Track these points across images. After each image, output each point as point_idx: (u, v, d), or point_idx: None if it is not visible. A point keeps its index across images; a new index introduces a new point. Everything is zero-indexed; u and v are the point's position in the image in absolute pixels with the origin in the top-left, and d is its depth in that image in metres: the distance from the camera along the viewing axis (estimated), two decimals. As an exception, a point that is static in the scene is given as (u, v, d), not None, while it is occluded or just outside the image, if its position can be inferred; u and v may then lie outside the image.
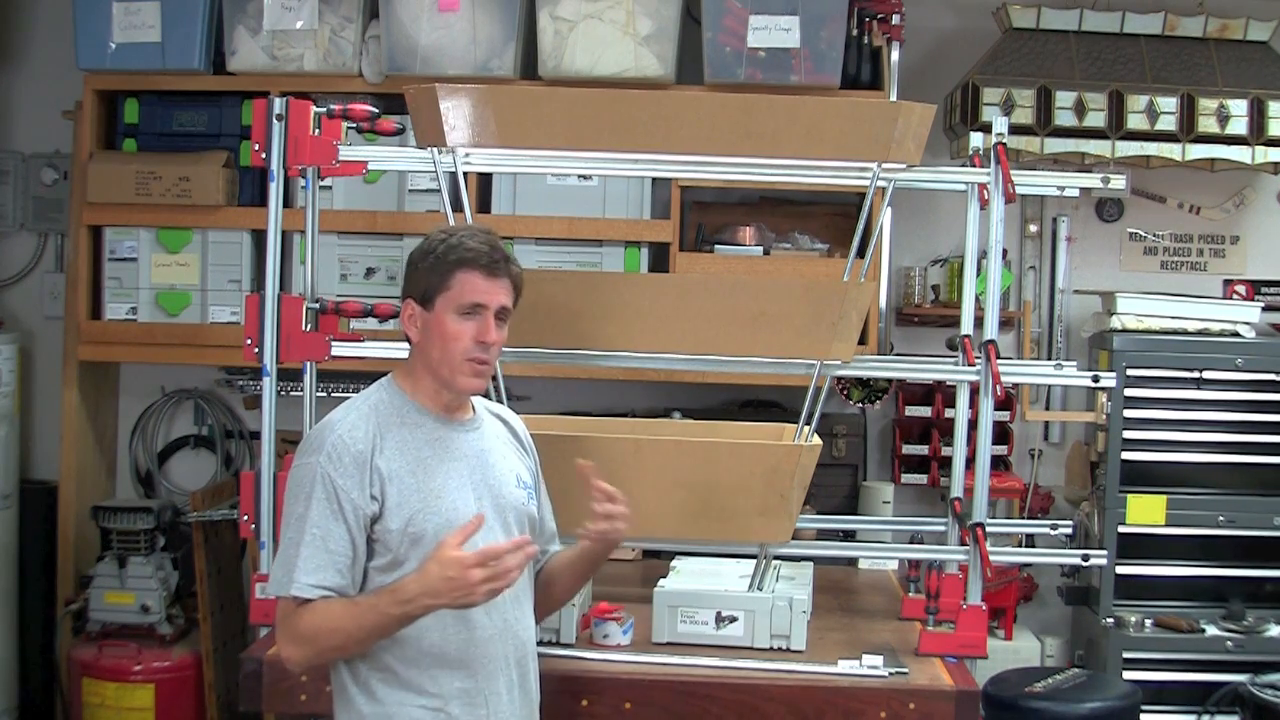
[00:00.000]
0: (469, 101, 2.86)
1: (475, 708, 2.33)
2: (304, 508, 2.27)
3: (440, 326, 2.35)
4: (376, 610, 2.22)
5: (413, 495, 2.31)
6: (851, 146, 2.86)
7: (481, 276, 2.35)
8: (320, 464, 2.28)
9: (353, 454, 2.29)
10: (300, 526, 2.27)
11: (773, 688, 2.70)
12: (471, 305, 2.35)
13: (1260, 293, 4.46)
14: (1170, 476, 4.06)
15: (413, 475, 2.32)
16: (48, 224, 4.63)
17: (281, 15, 4.02)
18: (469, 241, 2.36)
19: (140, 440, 4.62)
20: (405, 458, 2.33)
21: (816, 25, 3.90)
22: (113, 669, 4.06)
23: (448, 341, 2.34)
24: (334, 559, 2.26)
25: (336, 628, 2.23)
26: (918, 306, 4.39)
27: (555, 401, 4.29)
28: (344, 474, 2.27)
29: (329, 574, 2.25)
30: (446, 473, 2.35)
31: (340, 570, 2.26)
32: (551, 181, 4.02)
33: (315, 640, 2.24)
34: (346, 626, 2.23)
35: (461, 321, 2.35)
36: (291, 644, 2.26)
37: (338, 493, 2.27)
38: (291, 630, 2.26)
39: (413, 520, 2.29)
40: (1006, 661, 3.84)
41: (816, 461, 2.90)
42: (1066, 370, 3.09)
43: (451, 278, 2.34)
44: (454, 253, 2.35)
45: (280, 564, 2.29)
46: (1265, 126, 4.01)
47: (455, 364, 2.35)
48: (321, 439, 2.31)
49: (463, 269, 2.34)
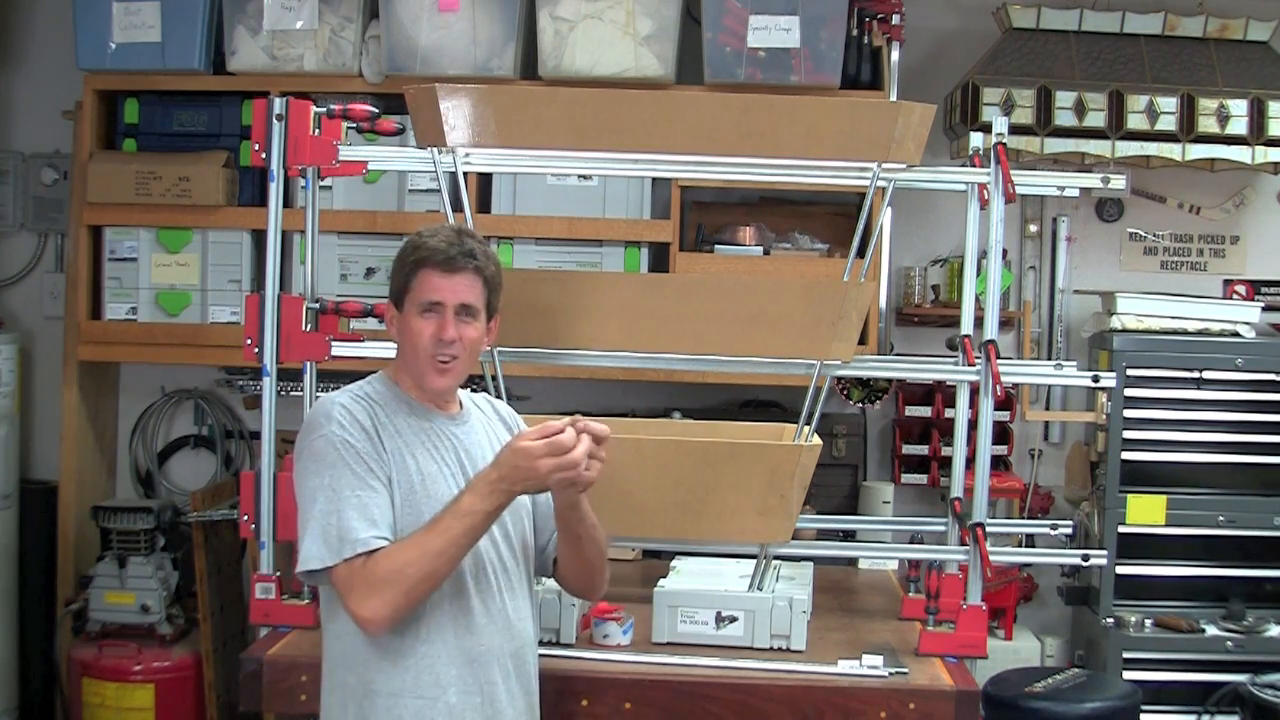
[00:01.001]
0: (469, 101, 2.86)
1: (472, 695, 2.33)
2: (332, 477, 2.26)
3: (407, 326, 2.39)
4: (463, 514, 2.21)
5: (404, 479, 2.32)
6: (851, 146, 2.86)
7: (439, 274, 2.37)
8: (335, 433, 2.29)
9: (361, 423, 2.31)
10: (334, 495, 2.25)
11: (773, 688, 2.70)
12: (429, 303, 2.37)
13: (1260, 293, 4.46)
14: (1170, 476, 4.06)
15: (404, 460, 2.34)
16: (48, 224, 4.62)
17: (281, 15, 4.02)
18: (430, 241, 2.39)
19: (140, 440, 4.62)
20: (398, 442, 2.35)
21: (816, 25, 3.90)
22: (113, 669, 4.06)
23: (413, 340, 2.38)
24: (383, 513, 2.26)
25: (423, 552, 2.20)
26: (918, 306, 4.39)
27: (555, 401, 4.29)
28: (360, 439, 2.29)
29: (382, 525, 2.24)
30: (438, 462, 2.37)
31: (389, 523, 2.26)
32: (551, 181, 4.02)
33: (403, 574, 2.19)
34: (435, 545, 2.20)
35: (423, 320, 2.37)
36: (372, 596, 2.20)
37: (362, 455, 2.28)
38: (368, 582, 2.20)
39: (404, 505, 2.30)
40: (1006, 661, 3.84)
41: (816, 461, 2.90)
42: (1066, 370, 3.09)
43: (413, 278, 2.38)
44: (415, 253, 2.39)
45: (318, 536, 2.24)
46: (1265, 126, 4.01)
47: (422, 362, 2.38)
48: (327, 413, 2.32)
49: (422, 268, 2.38)
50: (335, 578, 2.25)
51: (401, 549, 2.22)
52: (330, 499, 2.25)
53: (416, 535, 2.23)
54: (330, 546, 2.23)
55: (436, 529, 2.22)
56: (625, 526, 2.91)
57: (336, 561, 2.23)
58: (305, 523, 2.28)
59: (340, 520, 2.23)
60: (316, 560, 2.24)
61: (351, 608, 2.23)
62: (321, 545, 2.24)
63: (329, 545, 2.23)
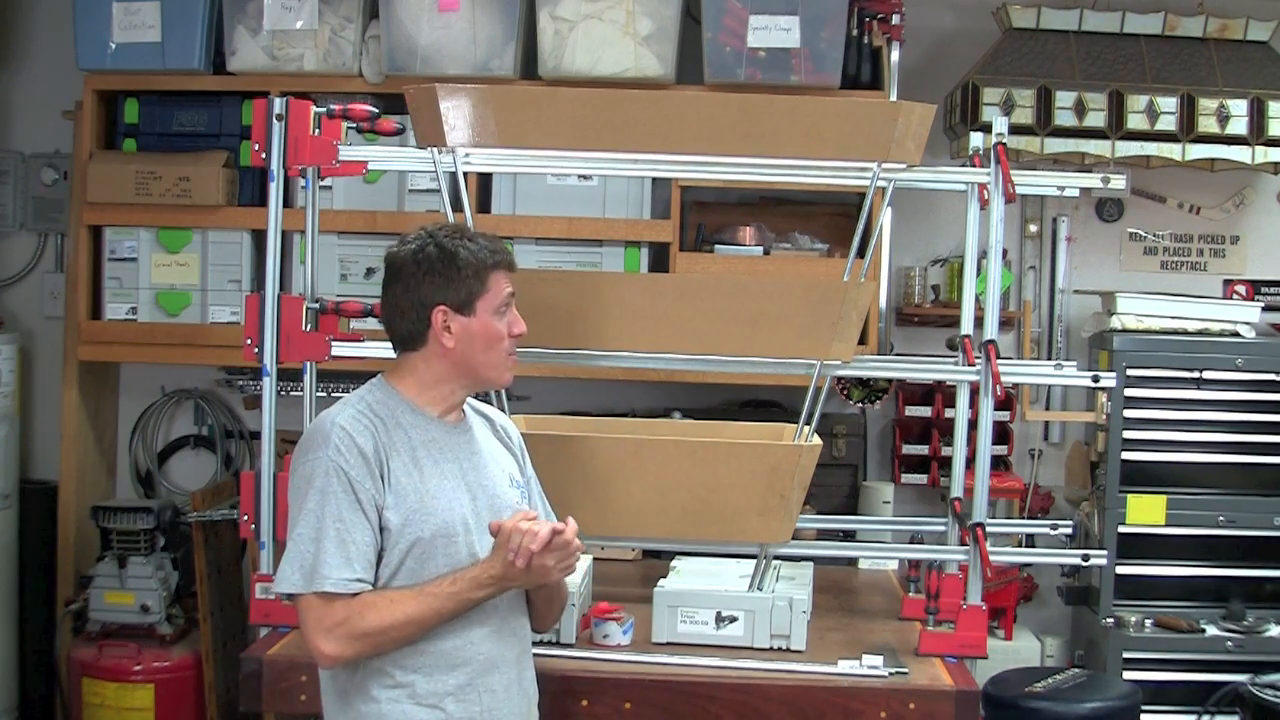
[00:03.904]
0: (469, 101, 2.86)
1: (471, 705, 2.33)
2: (317, 502, 2.26)
3: (486, 329, 2.39)
4: (456, 597, 2.25)
5: (410, 494, 2.31)
6: (851, 146, 2.86)
7: (506, 273, 2.44)
8: (330, 457, 2.28)
9: (359, 446, 2.29)
10: (317, 521, 2.25)
11: (773, 688, 2.70)
12: (506, 303, 2.42)
13: (1260, 293, 4.45)
14: (1170, 476, 4.06)
15: (409, 475, 2.33)
16: (48, 224, 4.62)
17: (281, 15, 4.02)
18: (486, 244, 2.42)
19: (140, 440, 4.62)
20: (403, 456, 2.34)
21: (816, 25, 3.90)
22: (113, 669, 4.06)
23: (494, 342, 2.40)
24: (361, 551, 2.25)
25: (408, 620, 2.24)
26: (918, 306, 4.39)
27: (555, 401, 4.29)
28: (355, 465, 2.28)
29: (359, 566, 2.25)
30: (441, 474, 2.36)
31: (368, 562, 2.26)
32: (551, 181, 4.02)
33: (381, 635, 2.24)
34: (421, 616, 2.25)
35: (499, 321, 2.41)
36: (342, 642, 2.23)
37: (353, 484, 2.27)
38: (347, 630, 2.22)
39: (410, 521, 2.30)
40: (1006, 661, 3.84)
41: (816, 461, 2.90)
42: (1066, 370, 3.09)
43: (488, 280, 2.40)
44: (490, 257, 2.41)
45: (294, 561, 2.25)
46: (1265, 126, 4.01)
47: (500, 362, 2.42)
48: (325, 434, 2.31)
49: (498, 270, 2.41)
50: (301, 605, 2.27)
51: (389, 609, 2.24)
52: (313, 525, 2.26)
53: (409, 601, 2.25)
54: (304, 575, 2.25)
55: (429, 604, 2.25)
56: (625, 526, 2.91)
57: (306, 591, 2.25)
58: (289, 541, 2.31)
59: (318, 550, 2.24)
60: (289, 584, 2.27)
61: (314, 641, 2.25)
62: (296, 571, 2.26)
63: (303, 573, 2.25)
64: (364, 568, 2.25)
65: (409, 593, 2.26)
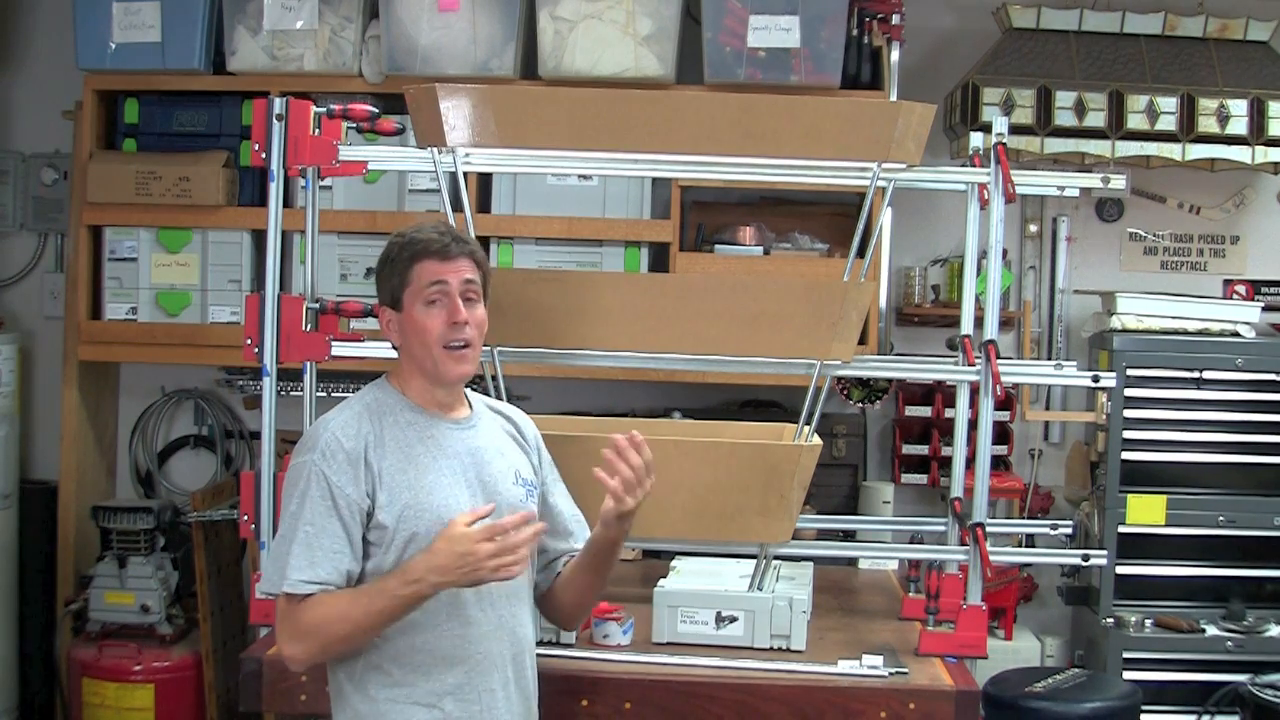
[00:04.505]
0: (469, 101, 2.86)
1: (470, 704, 2.33)
2: (298, 505, 2.28)
3: (413, 322, 2.37)
4: (385, 594, 2.22)
5: (404, 491, 2.32)
6: (851, 146, 2.86)
7: (436, 262, 2.37)
8: (314, 461, 2.29)
9: (346, 450, 2.30)
10: (294, 524, 2.27)
11: (773, 688, 2.70)
12: (434, 286, 2.36)
13: (1260, 293, 4.46)
14: (1170, 476, 4.06)
15: (404, 472, 2.33)
16: (48, 224, 4.63)
17: (281, 15, 4.02)
18: (418, 235, 2.39)
19: (140, 440, 4.62)
20: (398, 454, 2.34)
21: (816, 25, 3.90)
22: (113, 669, 4.06)
23: (423, 334, 2.37)
24: (328, 555, 2.26)
25: (343, 616, 2.23)
26: (918, 306, 4.39)
27: (555, 401, 4.29)
28: (338, 470, 2.28)
29: (322, 569, 2.25)
30: (439, 469, 2.36)
31: (334, 566, 2.26)
32: (551, 181, 4.02)
33: (320, 632, 2.24)
34: (354, 614, 2.23)
35: (430, 311, 2.36)
36: (293, 641, 2.26)
37: (332, 489, 2.27)
38: (292, 627, 2.25)
39: (404, 517, 2.30)
40: (1006, 661, 3.84)
41: (816, 461, 2.90)
42: (1066, 370, 3.08)
43: (410, 271, 2.37)
44: (408, 249, 2.38)
45: (273, 562, 2.29)
46: (1265, 126, 4.01)
47: (436, 355, 2.37)
48: (316, 438, 2.33)
49: (418, 260, 2.37)
50: (274, 606, 2.32)
51: (328, 605, 2.24)
52: (290, 527, 2.28)
53: (346, 597, 2.25)
54: (270, 577, 2.30)
55: (364, 598, 2.25)
56: (625, 526, 2.90)
57: (272, 592, 2.28)
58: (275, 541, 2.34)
59: (288, 552, 2.26)
60: (268, 584, 2.31)
61: (278, 641, 2.31)
62: (272, 570, 2.30)
63: (273, 574, 2.29)
64: (329, 571, 2.26)
65: (348, 590, 2.28)
